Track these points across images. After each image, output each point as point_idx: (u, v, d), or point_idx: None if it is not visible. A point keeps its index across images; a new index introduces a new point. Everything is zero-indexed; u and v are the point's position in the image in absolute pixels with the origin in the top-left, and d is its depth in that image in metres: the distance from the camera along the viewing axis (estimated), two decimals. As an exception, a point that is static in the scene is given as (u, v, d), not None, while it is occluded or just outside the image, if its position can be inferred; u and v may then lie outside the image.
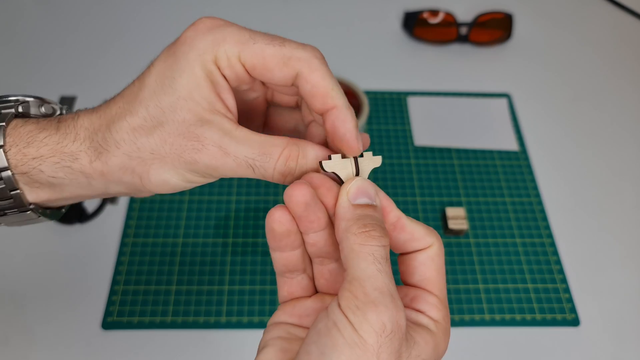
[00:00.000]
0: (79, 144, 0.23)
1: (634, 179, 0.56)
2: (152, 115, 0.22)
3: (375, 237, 0.20)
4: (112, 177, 0.23)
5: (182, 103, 0.22)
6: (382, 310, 0.19)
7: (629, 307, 0.47)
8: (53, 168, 0.23)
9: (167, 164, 0.22)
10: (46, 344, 0.43)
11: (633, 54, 0.68)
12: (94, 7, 0.69)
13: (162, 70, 0.23)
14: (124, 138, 0.22)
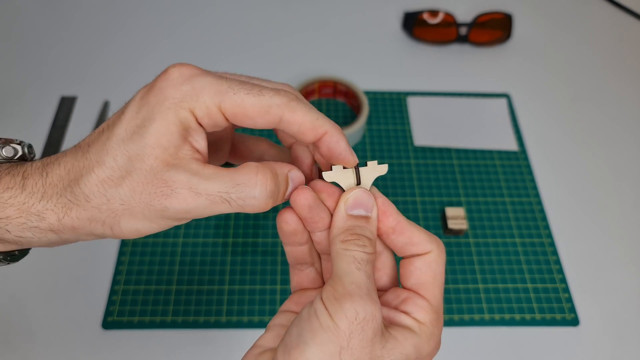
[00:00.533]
0: (45, 202, 0.22)
1: (633, 178, 0.56)
2: (120, 166, 0.22)
3: (358, 245, 0.23)
4: (82, 230, 0.23)
5: (149, 150, 0.21)
6: (356, 300, 0.21)
7: (628, 307, 0.47)
8: (19, 229, 0.23)
9: (138, 213, 0.22)
10: (46, 343, 0.43)
11: (632, 54, 0.68)
12: (94, 7, 0.69)
13: (132, 119, 0.22)
14: (93, 191, 0.22)
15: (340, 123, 0.58)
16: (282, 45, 0.66)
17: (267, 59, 0.65)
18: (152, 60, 0.64)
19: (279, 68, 0.64)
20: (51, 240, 0.23)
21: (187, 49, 0.65)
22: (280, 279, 0.47)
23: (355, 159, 0.25)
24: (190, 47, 0.65)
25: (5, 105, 0.58)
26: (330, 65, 0.64)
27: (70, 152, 0.23)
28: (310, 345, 0.20)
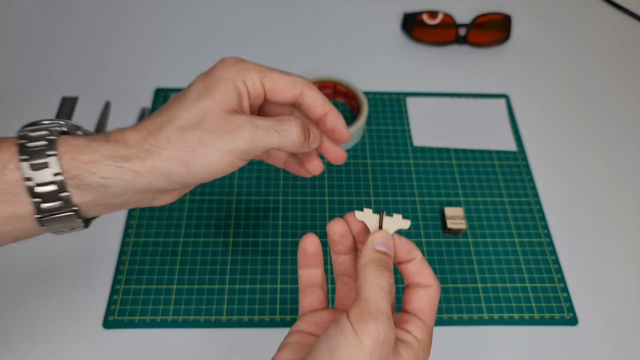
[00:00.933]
0: (129, 150, 0.28)
1: (632, 179, 0.56)
2: (194, 116, 0.29)
3: (384, 275, 0.27)
4: (160, 171, 0.28)
5: (218, 104, 0.29)
6: (379, 323, 0.25)
7: (627, 306, 0.47)
8: (105, 169, 0.28)
9: (212, 148, 0.28)
10: (47, 342, 0.43)
11: (631, 55, 0.68)
12: (95, 8, 0.69)
13: (200, 87, 0.30)
14: (174, 135, 0.28)
15: (340, 123, 0.59)
16: (282, 46, 0.67)
17: (267, 59, 0.65)
18: (153, 60, 0.64)
19: (278, 69, 0.64)
20: (128, 183, 0.28)
21: (187, 49, 0.65)
22: (281, 279, 0.47)
23: (348, 134, 0.34)
24: (191, 48, 0.66)
25: (7, 106, 0.58)
26: (330, 66, 0.65)
27: (141, 122, 0.29)
28: (338, 357, 0.24)
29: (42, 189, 0.27)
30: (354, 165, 0.55)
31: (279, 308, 0.45)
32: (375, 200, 0.53)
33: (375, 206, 0.52)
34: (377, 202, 0.52)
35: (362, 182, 0.54)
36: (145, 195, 0.30)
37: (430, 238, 0.50)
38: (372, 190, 0.53)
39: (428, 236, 0.50)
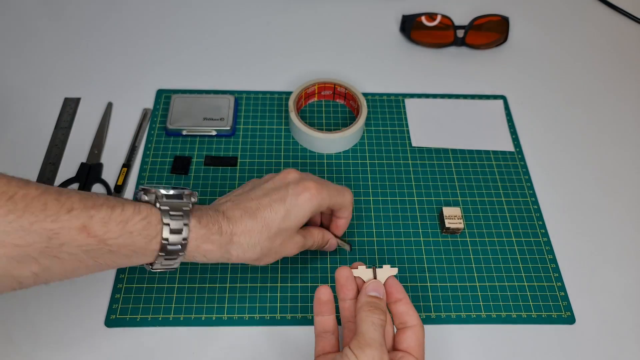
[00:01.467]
0: (224, 233, 0.38)
1: (628, 179, 0.57)
2: (279, 229, 0.40)
3: (375, 313, 0.35)
4: (242, 258, 0.39)
5: (295, 225, 0.41)
6: (373, 349, 0.32)
7: (624, 305, 0.47)
8: (208, 250, 0.37)
9: (280, 254, 0.41)
10: (50, 341, 0.43)
11: (628, 57, 0.69)
12: (97, 9, 0.70)
13: (290, 205, 0.40)
14: (261, 242, 0.39)
15: (339, 124, 0.59)
16: (282, 48, 0.67)
17: (267, 61, 0.66)
18: (155, 61, 0.64)
19: (279, 70, 0.64)
20: (221, 259, 0.38)
21: (189, 51, 0.66)
22: (281, 277, 0.47)
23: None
24: (192, 49, 0.66)
25: (10, 107, 0.59)
26: (329, 68, 0.65)
27: (242, 219, 0.39)
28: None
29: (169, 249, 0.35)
30: (354, 165, 0.56)
31: (280, 306, 0.46)
32: (374, 200, 0.53)
33: (374, 206, 0.53)
34: (376, 201, 0.53)
35: (362, 183, 0.54)
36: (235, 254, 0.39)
37: (428, 237, 0.51)
38: (371, 191, 0.54)
39: (426, 236, 0.51)
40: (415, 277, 0.48)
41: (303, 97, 0.59)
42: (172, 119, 0.57)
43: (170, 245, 0.35)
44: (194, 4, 0.72)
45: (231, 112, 0.58)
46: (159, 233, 0.34)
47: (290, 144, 0.57)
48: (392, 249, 0.50)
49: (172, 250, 0.35)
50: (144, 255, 0.34)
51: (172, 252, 0.35)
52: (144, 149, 0.56)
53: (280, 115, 0.60)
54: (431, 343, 0.45)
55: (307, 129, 0.55)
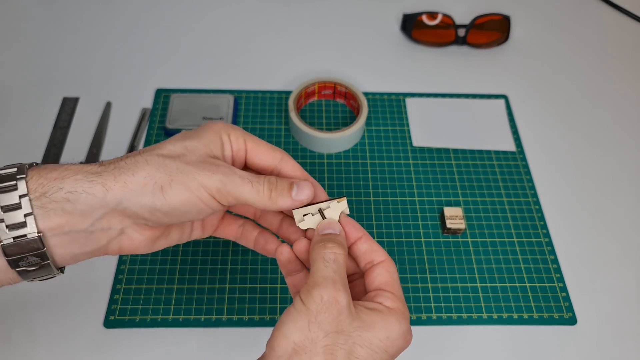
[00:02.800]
0: (102, 167, 0.28)
1: (630, 179, 0.56)
2: (177, 150, 0.29)
3: (327, 247, 0.29)
4: (133, 188, 0.28)
5: (202, 147, 0.30)
6: (321, 288, 0.27)
7: (625, 306, 0.47)
8: (73, 183, 0.27)
9: (189, 177, 0.28)
10: (49, 342, 0.43)
11: (629, 55, 0.69)
12: (96, 9, 0.70)
13: (187, 132, 0.31)
14: (153, 158, 0.29)
15: (339, 124, 0.59)
16: (282, 47, 0.67)
17: (267, 60, 0.66)
18: (154, 61, 0.64)
19: (279, 69, 0.64)
20: (95, 201, 0.27)
21: (188, 50, 0.66)
22: (280, 278, 0.47)
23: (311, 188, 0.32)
24: (192, 48, 0.66)
25: (8, 106, 0.59)
26: (329, 67, 0.65)
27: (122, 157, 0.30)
28: (285, 322, 0.27)
29: (7, 215, 0.26)
30: (354, 165, 0.55)
31: (279, 307, 0.45)
32: (374, 200, 0.53)
33: (374, 206, 0.52)
34: (377, 202, 0.53)
35: (362, 182, 0.54)
36: (113, 221, 0.28)
37: (429, 238, 0.50)
38: (371, 191, 0.53)
39: (427, 236, 0.50)
40: (416, 277, 0.48)
41: (303, 96, 0.59)
42: (171, 119, 0.56)
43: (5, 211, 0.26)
44: (193, 3, 0.71)
45: (230, 111, 0.57)
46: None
47: (290, 144, 0.57)
48: (392, 249, 0.49)
49: (9, 205, 0.26)
50: None
51: (12, 207, 0.26)
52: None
53: (280, 114, 0.59)
54: (432, 344, 0.44)
55: (307, 128, 0.55)
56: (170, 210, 0.28)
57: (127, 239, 0.30)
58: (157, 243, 0.32)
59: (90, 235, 0.28)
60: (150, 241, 0.31)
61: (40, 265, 0.28)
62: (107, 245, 0.29)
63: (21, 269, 0.28)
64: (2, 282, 0.28)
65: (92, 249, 0.29)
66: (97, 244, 0.29)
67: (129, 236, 0.30)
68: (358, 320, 0.27)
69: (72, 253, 0.29)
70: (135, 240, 0.30)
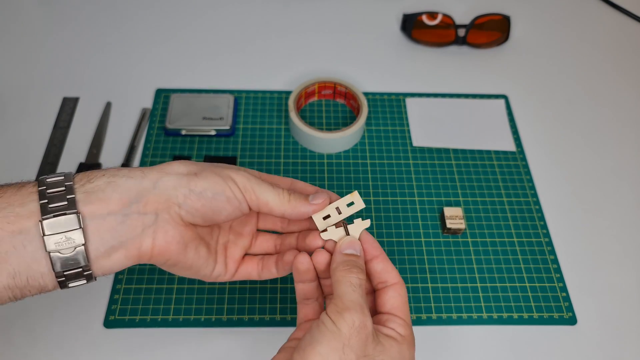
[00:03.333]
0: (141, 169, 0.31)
1: (630, 178, 0.56)
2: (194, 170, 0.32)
3: (353, 272, 0.31)
4: (167, 173, 0.31)
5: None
6: (352, 313, 0.28)
7: (626, 306, 0.47)
8: (114, 172, 0.30)
9: (219, 169, 0.32)
10: (49, 342, 0.43)
11: (629, 55, 0.69)
12: (97, 9, 0.70)
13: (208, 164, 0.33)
14: (185, 162, 0.32)
15: (339, 124, 0.59)
16: (282, 47, 0.67)
17: (267, 60, 0.66)
18: (154, 61, 0.64)
19: (279, 69, 0.64)
20: (134, 181, 0.30)
21: (188, 50, 0.66)
22: (280, 278, 0.47)
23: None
24: (192, 48, 0.66)
25: (8, 106, 0.59)
26: (329, 67, 0.65)
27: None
28: (320, 343, 0.28)
29: (51, 197, 0.28)
30: (354, 165, 0.55)
31: (279, 307, 0.45)
32: (374, 200, 0.53)
33: (374, 206, 0.52)
34: (377, 202, 0.53)
35: (362, 183, 0.54)
36: (149, 206, 0.29)
37: (429, 238, 0.50)
38: (371, 191, 0.53)
39: (427, 236, 0.50)
40: (416, 277, 0.48)
41: (303, 96, 0.59)
42: (171, 119, 0.56)
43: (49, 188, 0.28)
44: (193, 3, 0.71)
45: (230, 111, 0.57)
46: (35, 185, 0.28)
47: (290, 144, 0.57)
48: (392, 249, 0.49)
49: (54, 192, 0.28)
50: (20, 205, 0.28)
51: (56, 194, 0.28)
52: (143, 149, 0.55)
53: (280, 114, 0.59)
54: (432, 344, 0.44)
55: (307, 128, 0.55)
56: (202, 191, 0.30)
57: (161, 231, 0.30)
58: (187, 249, 0.31)
59: (124, 220, 0.29)
60: (182, 243, 0.31)
61: (74, 249, 0.28)
62: (142, 234, 0.29)
63: (55, 252, 0.28)
64: (33, 274, 0.28)
65: (127, 239, 0.29)
66: (133, 232, 0.29)
67: (163, 229, 0.30)
68: (380, 346, 0.29)
69: (105, 242, 0.29)
70: (169, 234, 0.30)
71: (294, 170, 0.55)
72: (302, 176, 0.54)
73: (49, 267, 0.28)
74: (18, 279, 0.27)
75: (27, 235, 0.27)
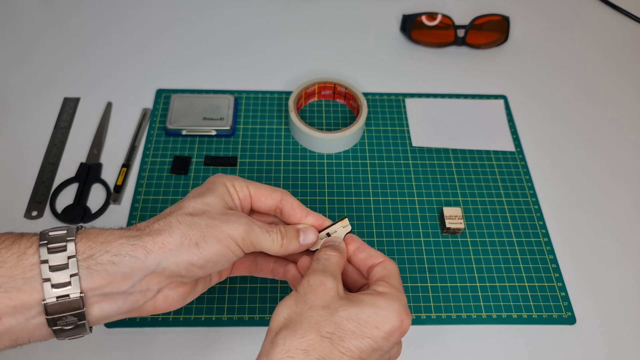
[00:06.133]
0: (141, 231, 0.30)
1: (629, 178, 0.56)
2: (200, 207, 0.32)
3: (322, 251, 0.34)
4: (171, 247, 0.30)
5: (219, 200, 0.33)
6: (310, 276, 0.31)
7: (624, 305, 0.47)
8: (118, 247, 0.29)
9: (218, 230, 0.31)
10: (49, 342, 0.43)
11: (628, 56, 0.69)
12: (97, 9, 0.70)
13: (200, 189, 0.34)
14: (184, 217, 0.31)
15: (339, 124, 0.59)
16: (282, 47, 0.67)
17: (267, 60, 0.66)
18: (155, 61, 0.64)
19: (279, 70, 0.64)
20: (137, 261, 0.29)
21: (189, 50, 0.66)
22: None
23: (319, 220, 0.36)
24: (192, 49, 0.66)
25: (9, 107, 0.59)
26: (329, 68, 0.65)
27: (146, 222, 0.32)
28: (278, 305, 0.31)
29: (54, 275, 0.28)
30: (354, 165, 0.56)
31: (279, 307, 0.46)
32: (374, 200, 0.53)
33: (374, 206, 0.52)
34: (376, 202, 0.53)
35: (362, 182, 0.54)
36: (152, 282, 0.30)
37: (429, 238, 0.50)
38: (371, 191, 0.54)
39: (427, 236, 0.51)
40: (415, 277, 0.48)
41: (303, 96, 0.59)
42: (171, 119, 0.57)
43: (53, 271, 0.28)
44: (194, 3, 0.72)
45: (231, 111, 0.58)
46: (34, 243, 0.28)
47: (290, 144, 0.57)
48: (392, 249, 0.49)
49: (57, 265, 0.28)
50: (22, 279, 0.27)
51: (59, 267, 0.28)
52: (143, 149, 0.56)
53: (280, 115, 0.60)
54: (432, 343, 0.44)
55: (307, 128, 0.55)
56: (204, 264, 0.31)
57: (162, 298, 0.32)
58: (187, 298, 0.33)
59: (128, 296, 0.30)
60: (183, 297, 0.33)
61: (76, 325, 0.29)
62: (143, 306, 0.31)
63: (57, 327, 0.29)
64: (35, 338, 0.29)
65: (127, 310, 0.30)
66: (134, 304, 0.30)
67: (164, 295, 0.31)
68: (345, 300, 0.30)
69: (107, 313, 0.30)
70: (170, 297, 0.32)
71: (294, 171, 0.55)
72: (302, 176, 0.54)
73: (49, 333, 0.30)
74: (20, 341, 0.29)
75: (30, 311, 0.28)
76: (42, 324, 0.28)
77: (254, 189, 0.35)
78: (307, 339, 0.28)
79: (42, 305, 0.28)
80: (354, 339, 0.28)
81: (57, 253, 0.28)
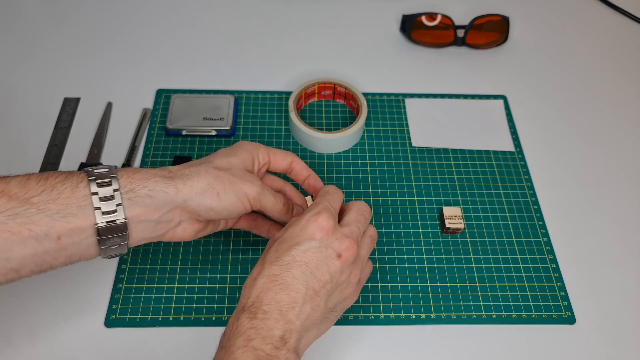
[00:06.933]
0: (173, 173, 0.37)
1: (629, 179, 0.57)
2: (224, 164, 0.39)
3: None
4: (197, 191, 0.37)
5: (240, 163, 0.40)
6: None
7: (624, 305, 0.47)
8: (153, 184, 0.36)
9: (237, 186, 0.38)
10: (49, 341, 0.43)
11: (628, 56, 0.69)
12: (97, 9, 0.70)
13: (226, 150, 0.41)
14: (210, 170, 0.38)
15: (339, 124, 0.59)
16: (282, 48, 0.67)
17: (267, 60, 0.66)
18: (154, 61, 0.64)
19: (278, 70, 0.64)
20: (169, 197, 0.36)
21: (189, 51, 0.66)
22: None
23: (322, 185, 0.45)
24: (192, 48, 0.66)
25: (9, 107, 0.59)
26: (329, 68, 0.65)
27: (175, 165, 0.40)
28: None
29: (104, 204, 0.34)
30: (354, 165, 0.56)
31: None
32: (374, 200, 0.53)
33: (374, 206, 0.53)
34: (376, 201, 0.53)
35: (362, 182, 0.54)
36: (175, 215, 0.37)
37: (428, 237, 0.50)
38: (371, 190, 0.54)
39: (427, 236, 0.51)
40: (415, 277, 0.48)
41: (303, 97, 0.59)
42: (171, 119, 0.57)
43: (103, 201, 0.34)
44: (193, 3, 0.72)
45: (231, 112, 0.58)
46: (84, 179, 0.34)
47: (290, 144, 0.57)
48: (392, 249, 0.50)
49: (105, 196, 0.34)
50: (77, 207, 0.33)
51: (107, 198, 0.34)
52: (143, 149, 0.56)
53: (280, 115, 0.60)
54: (431, 343, 0.45)
55: (307, 129, 0.55)
56: (221, 210, 0.38)
57: (181, 229, 0.39)
58: (199, 234, 0.40)
59: (157, 225, 0.37)
60: (196, 232, 0.40)
61: (119, 245, 0.36)
62: (165, 233, 0.38)
63: (105, 246, 0.35)
64: (85, 257, 0.35)
65: (154, 236, 0.38)
66: (159, 231, 0.37)
67: (183, 227, 0.39)
68: None
69: (141, 237, 0.37)
70: (186, 230, 0.39)
71: (294, 171, 0.55)
72: (302, 176, 0.54)
73: (97, 252, 0.36)
74: (73, 259, 0.35)
75: (83, 234, 0.34)
76: (93, 244, 0.35)
77: (272, 154, 0.43)
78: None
79: (94, 228, 0.34)
80: (295, 246, 0.36)
81: (105, 187, 0.34)
